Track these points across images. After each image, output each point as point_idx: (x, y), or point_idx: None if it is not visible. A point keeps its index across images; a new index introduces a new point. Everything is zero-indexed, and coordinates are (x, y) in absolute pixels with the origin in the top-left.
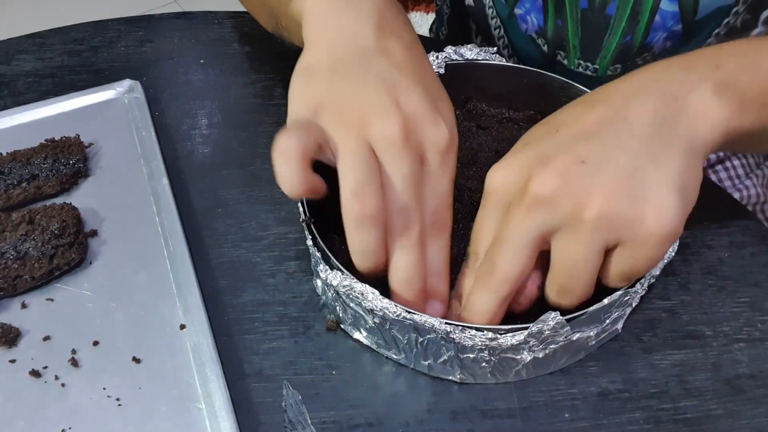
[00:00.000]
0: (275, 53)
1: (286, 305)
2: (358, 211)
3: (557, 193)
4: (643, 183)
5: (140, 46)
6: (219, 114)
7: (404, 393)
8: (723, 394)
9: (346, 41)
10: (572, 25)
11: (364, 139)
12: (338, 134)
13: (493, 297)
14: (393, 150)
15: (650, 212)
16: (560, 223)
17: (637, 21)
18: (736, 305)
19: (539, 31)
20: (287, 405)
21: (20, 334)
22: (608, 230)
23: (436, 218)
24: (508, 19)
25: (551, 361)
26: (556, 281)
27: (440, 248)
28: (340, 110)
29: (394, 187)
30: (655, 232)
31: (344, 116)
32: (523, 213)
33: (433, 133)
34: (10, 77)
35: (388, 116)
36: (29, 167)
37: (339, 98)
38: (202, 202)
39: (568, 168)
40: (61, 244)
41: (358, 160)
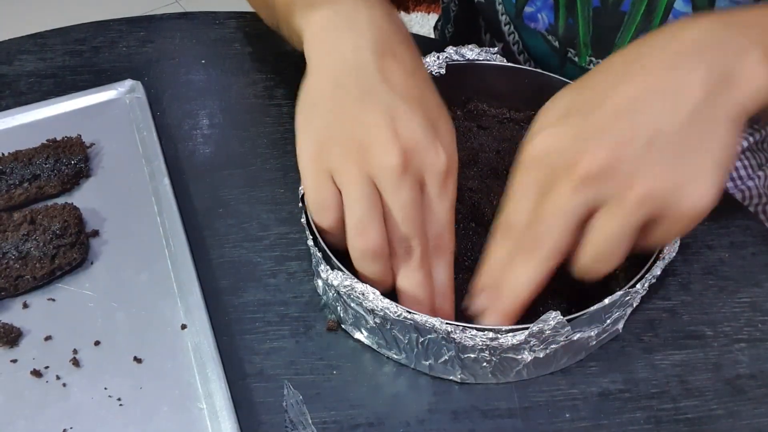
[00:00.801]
0: (276, 53)
1: (287, 305)
2: (363, 246)
3: (608, 171)
4: (690, 162)
5: (142, 46)
6: (220, 114)
7: (405, 393)
8: (724, 395)
9: (345, 70)
10: (583, 23)
11: (366, 173)
12: (341, 173)
13: (539, 270)
14: (392, 181)
15: (694, 192)
16: (606, 199)
17: (652, 19)
18: (736, 305)
19: (550, 29)
20: (288, 405)
21: (22, 333)
22: (652, 207)
23: (437, 242)
24: (516, 17)
25: (552, 361)
26: (593, 252)
27: (443, 269)
28: (342, 146)
29: (394, 216)
30: (694, 210)
31: (347, 152)
32: (572, 189)
33: (432, 160)
34: (11, 77)
35: (387, 149)
36: (31, 167)
37: (341, 134)
38: (203, 202)
39: (620, 145)
40: (63, 244)
41: (359, 196)
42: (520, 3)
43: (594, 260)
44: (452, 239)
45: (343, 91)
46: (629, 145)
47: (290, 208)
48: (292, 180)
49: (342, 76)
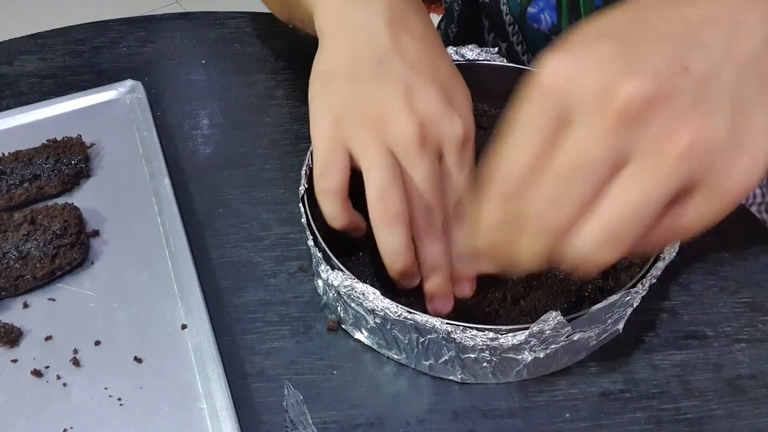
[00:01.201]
0: (277, 53)
1: (288, 305)
2: (383, 212)
3: (653, 108)
4: (746, 117)
5: (142, 46)
6: (220, 114)
7: (405, 393)
8: (724, 395)
9: (359, 43)
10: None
11: (384, 144)
12: (360, 142)
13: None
14: (411, 153)
15: (744, 158)
16: (639, 150)
17: None
18: (737, 305)
19: (553, 29)
20: (288, 405)
21: (22, 333)
22: (693, 167)
23: (457, 209)
24: (520, 18)
25: (552, 361)
26: (601, 228)
27: (463, 234)
28: (359, 118)
29: (415, 187)
30: (741, 182)
31: (364, 124)
32: (604, 131)
33: (448, 130)
34: (12, 77)
35: (404, 121)
36: (31, 167)
37: (357, 106)
38: (203, 202)
39: (672, 73)
40: (63, 244)
41: (380, 165)
42: (524, 3)
43: (600, 242)
44: None
45: (358, 65)
46: (684, 76)
47: (291, 208)
48: (293, 180)
49: (356, 50)
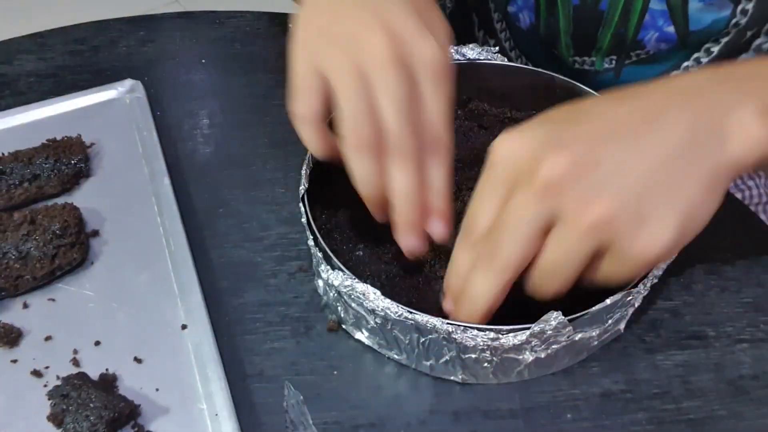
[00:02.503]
0: (277, 53)
1: (288, 305)
2: (353, 137)
3: (568, 182)
4: (651, 203)
5: (141, 45)
6: (220, 114)
7: (406, 393)
8: (726, 395)
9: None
10: (564, 22)
11: (356, 65)
12: (331, 63)
13: (495, 282)
14: (380, 69)
15: (647, 235)
16: (562, 215)
17: (629, 17)
18: (739, 306)
19: (531, 28)
20: (289, 405)
21: (22, 334)
22: (603, 237)
23: (432, 138)
24: (505, 15)
25: (553, 362)
26: (540, 270)
27: (438, 167)
28: (332, 39)
29: (385, 108)
30: (643, 254)
31: (335, 44)
32: (532, 197)
33: (421, 49)
34: (11, 77)
35: (374, 37)
36: (31, 167)
37: (333, 27)
38: (203, 202)
39: (583, 163)
40: (63, 244)
41: (350, 89)
42: (502, 2)
43: (540, 279)
44: (449, 137)
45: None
46: (596, 165)
47: (291, 208)
48: (293, 180)
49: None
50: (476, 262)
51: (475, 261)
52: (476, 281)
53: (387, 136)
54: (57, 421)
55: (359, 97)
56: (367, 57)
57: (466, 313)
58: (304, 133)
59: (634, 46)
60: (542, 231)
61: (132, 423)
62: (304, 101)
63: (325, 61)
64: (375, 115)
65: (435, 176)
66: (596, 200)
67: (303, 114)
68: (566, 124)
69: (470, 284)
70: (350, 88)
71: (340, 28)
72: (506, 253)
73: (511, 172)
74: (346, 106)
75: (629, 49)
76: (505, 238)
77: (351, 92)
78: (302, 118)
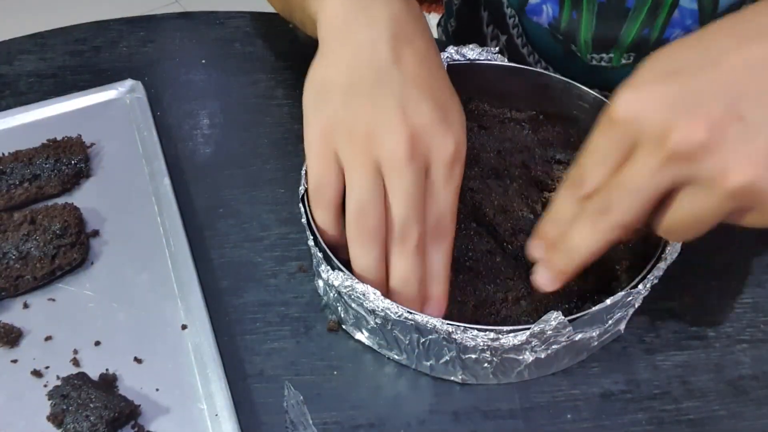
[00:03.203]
0: (277, 53)
1: (288, 305)
2: (358, 229)
3: (703, 151)
4: None
5: (142, 46)
6: (221, 114)
7: (406, 394)
8: (726, 395)
9: (360, 56)
10: (587, 18)
11: (372, 158)
12: (348, 157)
13: (601, 238)
14: (397, 167)
15: None
16: (696, 180)
17: (657, 14)
18: (739, 306)
19: (553, 22)
20: (289, 405)
21: (22, 334)
22: (745, 200)
23: (437, 227)
24: (519, 10)
25: (553, 362)
26: (671, 225)
27: (440, 255)
28: (350, 132)
29: (396, 201)
30: None
31: (353, 138)
32: (658, 164)
33: (438, 145)
34: (11, 77)
35: (394, 134)
36: (31, 167)
37: (350, 120)
38: (203, 203)
39: (723, 123)
40: (63, 244)
41: (362, 178)
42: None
43: (670, 231)
44: (452, 227)
45: (357, 78)
46: (737, 122)
47: (291, 209)
48: (293, 180)
49: (356, 64)
50: (582, 215)
51: (580, 213)
52: (581, 233)
53: (393, 226)
54: (57, 421)
55: (371, 190)
56: (386, 154)
57: (561, 261)
58: (320, 218)
59: (657, 44)
60: (664, 193)
61: (132, 423)
62: (323, 194)
63: (342, 154)
64: (383, 205)
65: (435, 261)
66: (737, 166)
67: (322, 204)
68: (696, 75)
69: (573, 235)
70: (364, 181)
71: (359, 122)
72: (620, 214)
73: (635, 133)
74: (356, 199)
75: (652, 48)
76: (622, 198)
77: (364, 185)
78: (320, 207)
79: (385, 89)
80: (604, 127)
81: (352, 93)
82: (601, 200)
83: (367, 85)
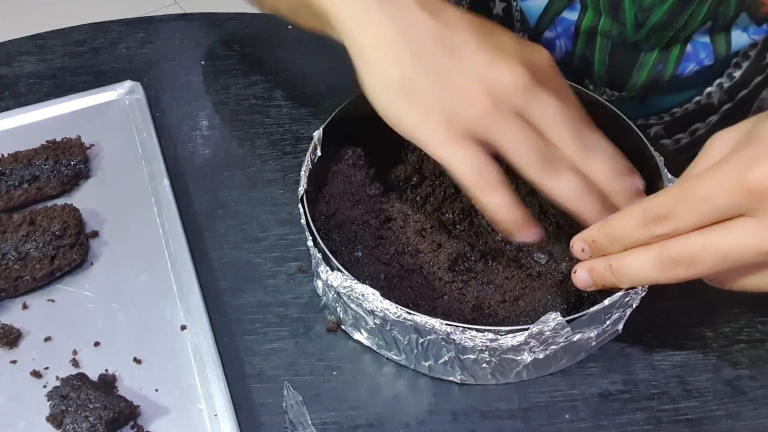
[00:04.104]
0: (276, 55)
1: (287, 306)
2: (548, 167)
3: None
4: None
5: (141, 47)
6: (220, 115)
7: (405, 394)
8: (724, 395)
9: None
10: (600, 57)
11: (505, 108)
12: (484, 124)
13: (661, 278)
14: (530, 95)
15: None
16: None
17: (671, 49)
18: (736, 306)
19: (566, 58)
20: (288, 406)
21: (21, 334)
22: None
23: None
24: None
25: (552, 362)
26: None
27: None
28: (466, 103)
29: (512, 147)
30: None
31: (472, 105)
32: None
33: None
34: (11, 78)
35: (504, 71)
36: (30, 168)
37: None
38: (203, 203)
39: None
40: (62, 245)
41: (514, 128)
42: (541, 27)
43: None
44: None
45: (424, 58)
46: None
47: (290, 209)
48: (292, 181)
49: (409, 47)
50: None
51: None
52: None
53: (524, 160)
54: (56, 422)
55: (527, 129)
56: (509, 93)
57: (609, 277)
58: (497, 202)
59: (671, 81)
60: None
61: (131, 423)
62: (487, 175)
63: (479, 124)
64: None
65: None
66: None
67: (491, 186)
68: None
69: (632, 261)
70: (516, 128)
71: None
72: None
73: (757, 205)
74: (525, 143)
75: (666, 84)
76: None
77: (519, 131)
78: (492, 189)
79: (452, 50)
80: (732, 186)
81: (432, 73)
82: (682, 248)
83: (437, 57)
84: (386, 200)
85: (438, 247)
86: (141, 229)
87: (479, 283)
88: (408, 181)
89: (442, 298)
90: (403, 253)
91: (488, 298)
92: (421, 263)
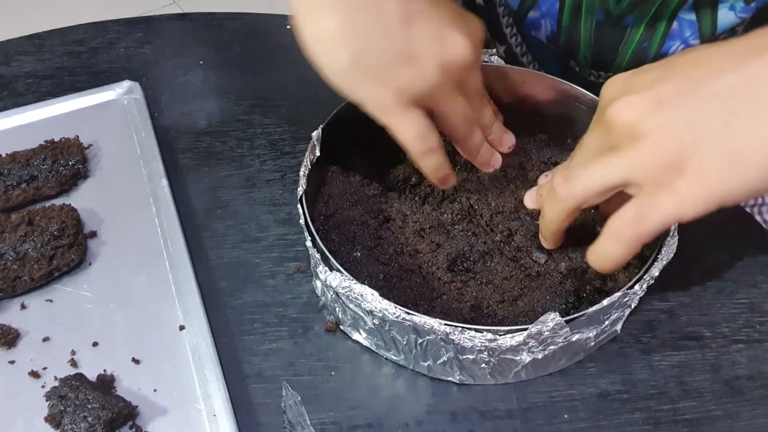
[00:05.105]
0: (274, 55)
1: (286, 306)
2: (423, 148)
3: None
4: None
5: (139, 47)
6: (218, 115)
7: (404, 394)
8: (722, 395)
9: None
10: (585, 36)
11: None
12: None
13: (558, 212)
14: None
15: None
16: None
17: (656, 27)
18: (734, 306)
19: (551, 37)
20: (287, 406)
21: (20, 335)
22: None
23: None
24: (518, 23)
25: (550, 362)
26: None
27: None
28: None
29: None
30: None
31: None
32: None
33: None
34: (9, 78)
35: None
36: (28, 168)
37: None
38: (201, 204)
39: (641, 103)
40: (61, 245)
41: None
42: (524, 8)
43: None
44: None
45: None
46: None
47: (289, 209)
48: (291, 181)
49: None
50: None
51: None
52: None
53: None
54: (55, 422)
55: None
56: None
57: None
58: (432, 164)
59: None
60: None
61: (130, 423)
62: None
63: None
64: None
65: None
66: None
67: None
68: (658, 67)
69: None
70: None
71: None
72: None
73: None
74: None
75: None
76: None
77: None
78: (429, 152)
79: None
80: (599, 127)
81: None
82: (566, 173)
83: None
84: (385, 200)
85: (437, 247)
86: (139, 229)
87: (478, 283)
88: (407, 182)
89: (440, 298)
90: (401, 253)
91: (487, 298)
92: (419, 263)
